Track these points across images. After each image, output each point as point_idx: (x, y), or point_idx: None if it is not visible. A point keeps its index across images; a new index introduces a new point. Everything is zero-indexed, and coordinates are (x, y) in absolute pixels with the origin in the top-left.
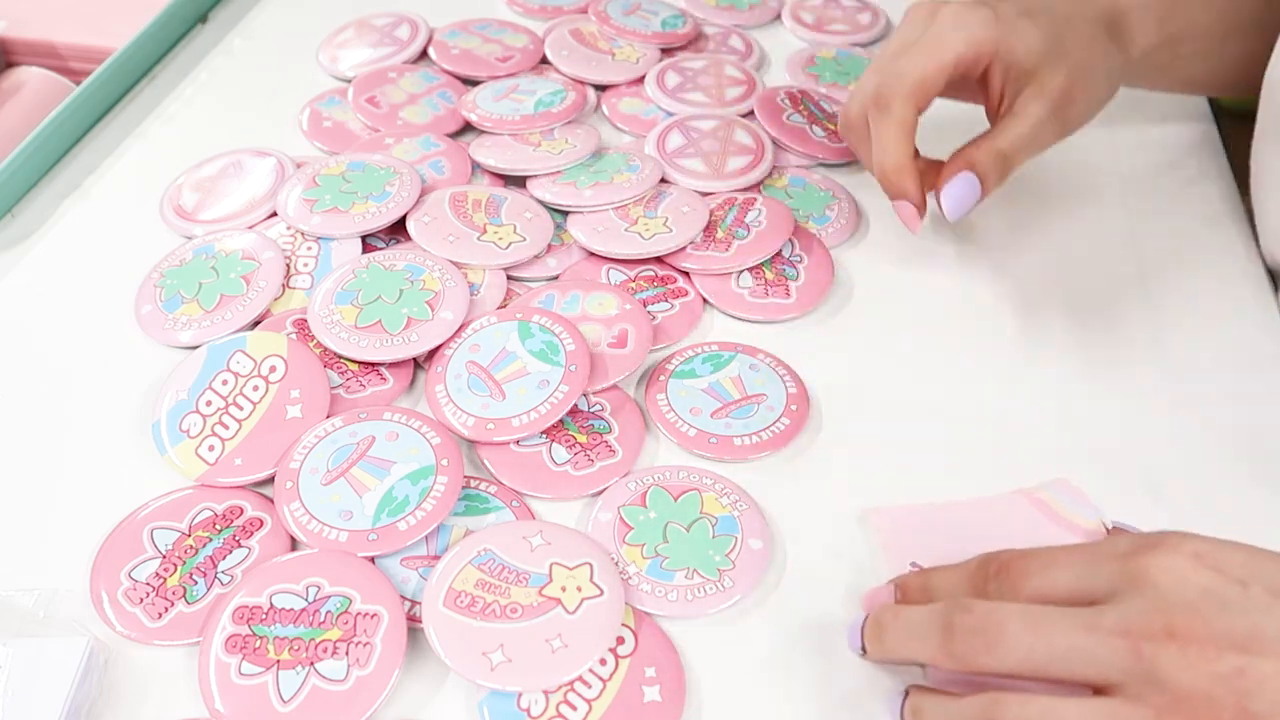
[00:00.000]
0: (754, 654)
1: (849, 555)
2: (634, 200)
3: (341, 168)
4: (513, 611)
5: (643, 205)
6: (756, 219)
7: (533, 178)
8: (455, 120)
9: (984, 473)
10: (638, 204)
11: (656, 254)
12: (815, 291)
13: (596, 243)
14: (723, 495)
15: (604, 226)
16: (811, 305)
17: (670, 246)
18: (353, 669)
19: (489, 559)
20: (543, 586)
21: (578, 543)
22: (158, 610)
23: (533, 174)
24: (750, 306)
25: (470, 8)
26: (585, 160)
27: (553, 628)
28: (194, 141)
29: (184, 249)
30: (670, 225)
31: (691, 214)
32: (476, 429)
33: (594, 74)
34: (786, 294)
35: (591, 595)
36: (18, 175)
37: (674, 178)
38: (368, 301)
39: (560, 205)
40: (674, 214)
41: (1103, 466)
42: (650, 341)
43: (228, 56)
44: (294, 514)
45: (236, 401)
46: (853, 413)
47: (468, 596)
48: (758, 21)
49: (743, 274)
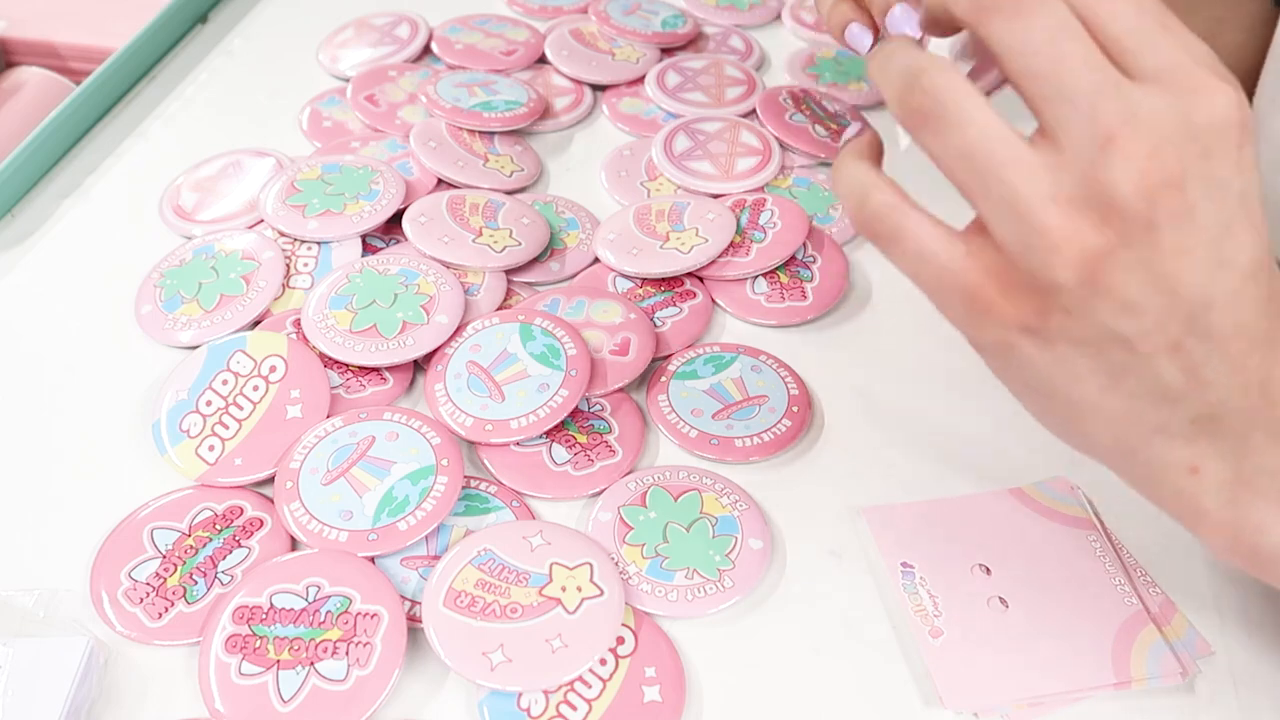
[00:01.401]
0: (754, 654)
1: (849, 555)
2: (656, 214)
3: (317, 171)
4: (513, 611)
5: (666, 219)
6: (771, 220)
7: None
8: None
9: (986, 476)
10: (660, 218)
11: (699, 266)
12: (832, 291)
13: (632, 265)
14: (723, 495)
15: (638, 249)
16: (829, 305)
17: (711, 256)
18: (353, 669)
19: (489, 559)
20: (543, 586)
21: (578, 543)
22: (158, 610)
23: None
24: (767, 311)
25: (470, 6)
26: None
27: (553, 628)
28: (194, 141)
29: (184, 249)
30: (704, 235)
31: (719, 220)
32: (474, 430)
33: (594, 74)
34: (803, 296)
35: (592, 595)
36: (17, 175)
37: (685, 182)
38: (362, 306)
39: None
40: (702, 223)
41: (1106, 470)
42: (652, 351)
43: (228, 56)
44: (294, 514)
45: (236, 401)
46: (855, 413)
47: (468, 596)
48: (758, 21)
49: (757, 279)
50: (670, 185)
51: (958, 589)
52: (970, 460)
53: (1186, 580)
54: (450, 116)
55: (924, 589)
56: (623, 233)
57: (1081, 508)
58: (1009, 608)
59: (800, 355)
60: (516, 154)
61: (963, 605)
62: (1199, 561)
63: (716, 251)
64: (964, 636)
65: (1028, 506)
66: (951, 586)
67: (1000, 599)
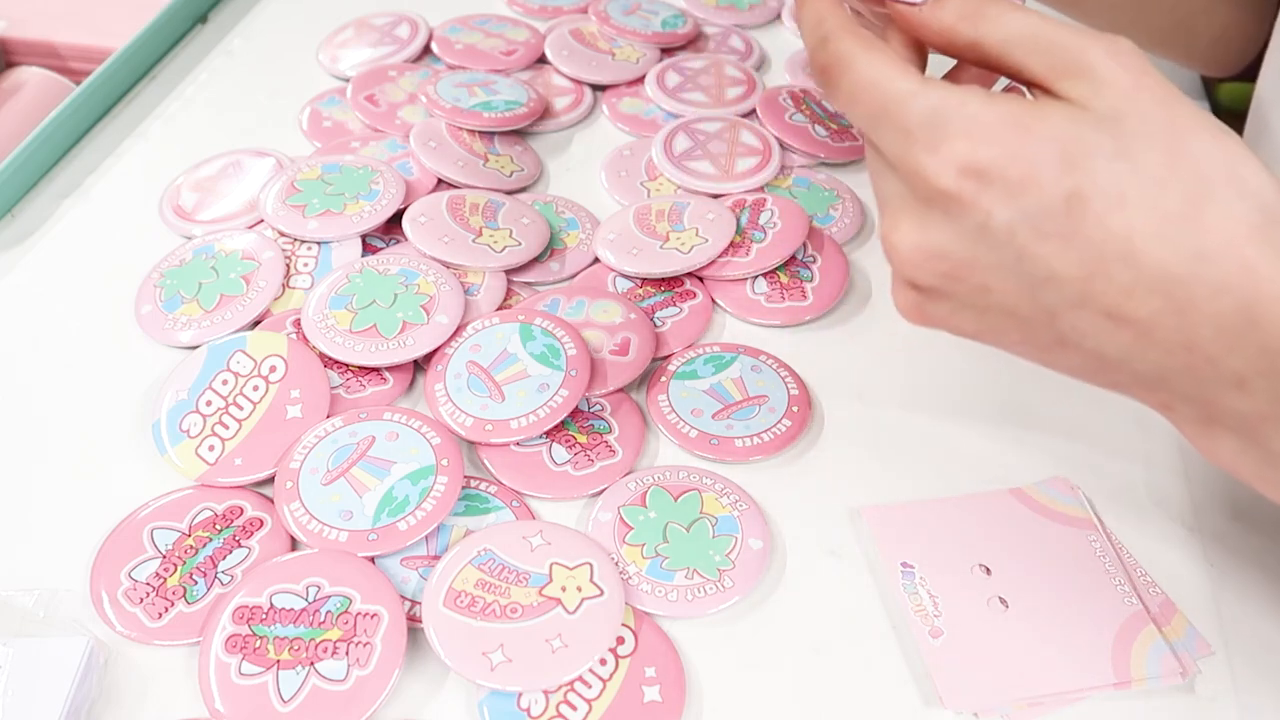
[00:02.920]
0: (754, 654)
1: (849, 555)
2: (656, 214)
3: (317, 171)
4: (513, 611)
5: (667, 219)
6: (770, 220)
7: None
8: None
9: (986, 476)
10: (660, 218)
11: (699, 266)
12: (832, 291)
13: (633, 265)
14: (722, 495)
15: (638, 249)
16: (829, 305)
17: (711, 256)
18: (353, 669)
19: (489, 559)
20: (543, 586)
21: (578, 543)
22: (158, 610)
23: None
24: (768, 311)
25: (469, 6)
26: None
27: (553, 628)
28: (194, 141)
29: (184, 249)
30: (704, 235)
31: (719, 220)
32: (474, 430)
33: (594, 74)
34: (803, 296)
35: (592, 595)
36: (18, 175)
37: (685, 182)
38: (362, 306)
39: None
40: (702, 223)
41: (1105, 469)
42: (652, 352)
43: (227, 56)
44: (294, 514)
45: (236, 401)
46: (855, 413)
47: (468, 596)
48: (758, 21)
49: (757, 279)
50: (670, 185)
51: (958, 589)
52: (970, 460)
53: (1187, 580)
54: (450, 116)
55: (924, 589)
56: (623, 233)
57: (1081, 507)
58: (1009, 608)
59: (800, 355)
60: (516, 154)
61: (963, 605)
62: (1199, 561)
63: (716, 251)
64: (964, 636)
65: (1028, 506)
66: (951, 586)
67: (1000, 599)
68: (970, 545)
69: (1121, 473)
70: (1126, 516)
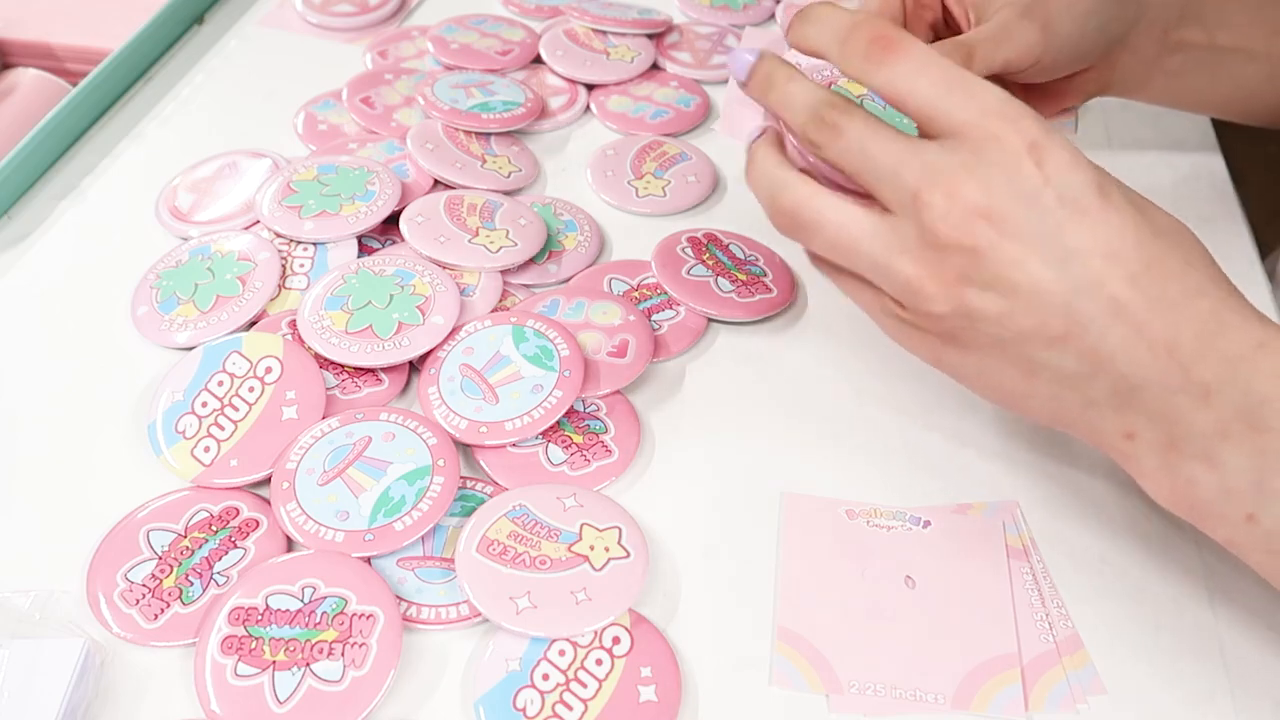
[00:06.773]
0: (751, 654)
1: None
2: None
3: (313, 172)
4: (542, 563)
5: (478, 214)
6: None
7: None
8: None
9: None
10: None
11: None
12: (788, 279)
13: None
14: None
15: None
16: (793, 293)
17: (517, 260)
18: (348, 670)
19: (523, 514)
20: (572, 544)
21: (609, 508)
22: (154, 611)
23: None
24: (746, 307)
25: (466, 6)
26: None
27: (579, 581)
28: (190, 143)
29: (180, 250)
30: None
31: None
32: (469, 432)
33: (589, 74)
34: (767, 289)
35: (619, 556)
36: (14, 177)
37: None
38: (358, 307)
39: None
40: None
41: (1092, 485)
42: (650, 353)
43: (224, 58)
44: (290, 515)
45: (232, 402)
46: (847, 409)
47: (499, 545)
48: (752, 22)
49: (719, 279)
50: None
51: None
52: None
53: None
54: (448, 118)
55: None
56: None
57: (1018, 537)
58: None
59: (789, 356)
60: (513, 154)
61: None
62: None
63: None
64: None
65: (959, 521)
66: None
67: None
68: (896, 559)
69: (1122, 483)
70: (1105, 535)
